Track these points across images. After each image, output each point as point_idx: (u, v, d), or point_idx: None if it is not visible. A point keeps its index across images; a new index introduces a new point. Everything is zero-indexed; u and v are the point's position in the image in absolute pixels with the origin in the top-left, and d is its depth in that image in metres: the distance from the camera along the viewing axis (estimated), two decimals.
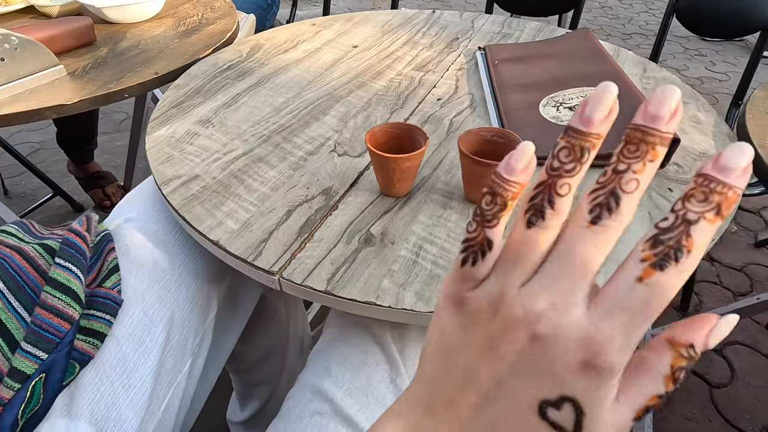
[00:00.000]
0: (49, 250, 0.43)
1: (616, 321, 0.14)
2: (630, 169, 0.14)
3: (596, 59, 0.65)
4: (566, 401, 0.14)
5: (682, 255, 0.13)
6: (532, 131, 0.54)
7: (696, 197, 0.14)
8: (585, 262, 0.15)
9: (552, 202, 0.15)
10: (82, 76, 0.68)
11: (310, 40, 0.84)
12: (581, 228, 0.15)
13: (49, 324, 0.37)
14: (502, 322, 0.15)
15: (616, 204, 0.14)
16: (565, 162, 0.15)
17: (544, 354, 0.15)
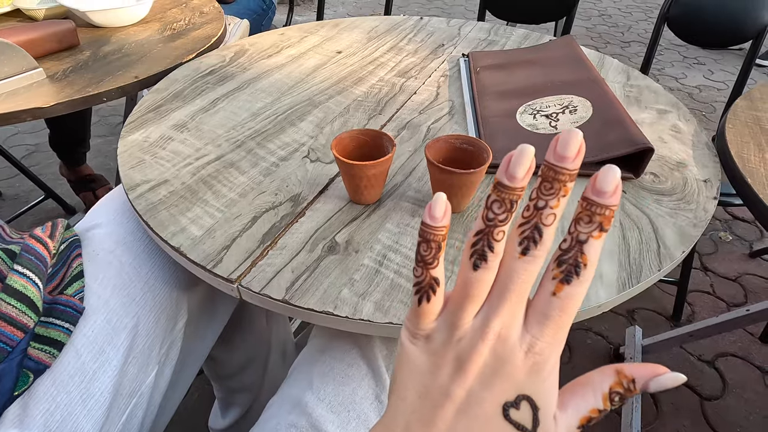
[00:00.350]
0: (11, 256, 0.43)
1: (544, 327, 0.18)
2: (548, 206, 0.17)
3: (577, 67, 0.64)
4: (523, 399, 0.18)
5: (581, 269, 0.17)
6: (507, 138, 0.54)
7: (583, 220, 0.17)
8: (521, 288, 0.18)
9: (491, 247, 0.18)
10: (62, 80, 0.68)
11: (296, 45, 0.84)
12: (515, 260, 0.18)
13: (2, 332, 0.36)
14: (466, 346, 0.19)
15: (539, 236, 0.17)
16: (498, 213, 0.18)
17: (502, 365, 0.18)
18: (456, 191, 0.43)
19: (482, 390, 0.18)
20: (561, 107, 0.56)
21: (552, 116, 0.55)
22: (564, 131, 0.17)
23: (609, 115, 0.52)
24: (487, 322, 0.18)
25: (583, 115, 0.54)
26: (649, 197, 0.48)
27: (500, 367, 0.18)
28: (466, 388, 0.18)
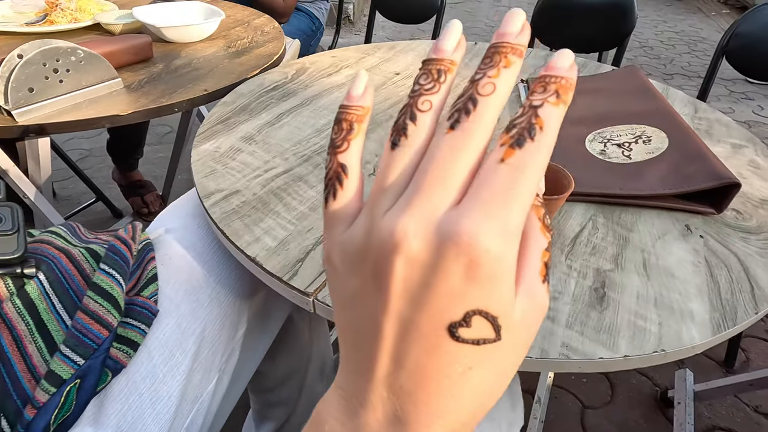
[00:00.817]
0: (94, 255, 0.44)
1: (482, 206, 0.13)
2: (485, 76, 0.14)
3: (646, 97, 0.63)
4: (473, 315, 0.13)
5: (535, 131, 0.13)
6: (578, 166, 0.53)
7: (537, 90, 0.14)
8: (442, 169, 0.14)
9: (414, 118, 0.15)
10: (137, 90, 0.71)
11: (354, 65, 0.86)
12: (440, 136, 0.14)
13: (89, 329, 0.37)
14: (378, 256, 0.14)
15: (473, 106, 0.14)
16: (424, 83, 0.15)
17: (427, 275, 0.13)
18: None
19: (414, 313, 0.14)
20: (633, 137, 0.55)
21: (624, 145, 0.54)
22: (511, 13, 0.15)
23: (688, 148, 0.51)
24: (396, 222, 0.13)
25: (658, 145, 0.53)
26: (734, 235, 0.46)
27: (427, 281, 0.13)
28: (393, 315, 0.14)
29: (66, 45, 0.61)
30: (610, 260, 0.43)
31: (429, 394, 0.14)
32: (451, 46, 0.15)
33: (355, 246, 0.15)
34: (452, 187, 0.14)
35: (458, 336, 0.13)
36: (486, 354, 0.14)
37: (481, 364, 0.14)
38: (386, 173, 0.15)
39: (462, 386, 0.14)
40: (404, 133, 0.15)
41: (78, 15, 0.91)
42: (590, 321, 0.37)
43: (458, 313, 0.13)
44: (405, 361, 0.14)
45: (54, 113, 0.62)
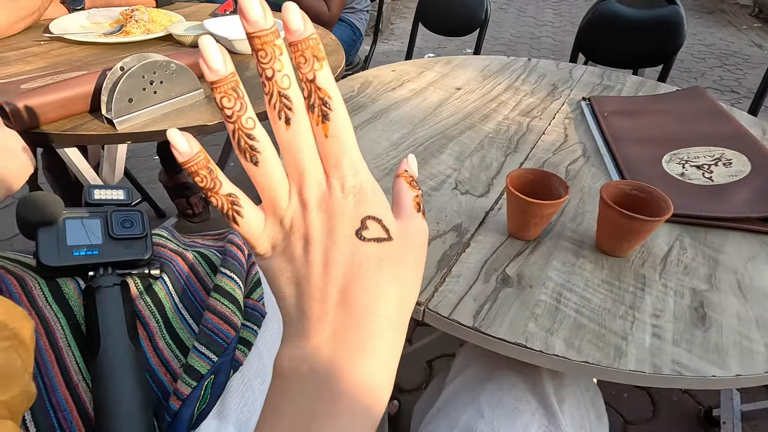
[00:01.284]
0: (205, 259, 0.47)
1: (340, 166, 0.20)
2: (275, 71, 0.18)
3: (719, 119, 0.64)
4: (366, 219, 0.20)
5: (328, 101, 0.18)
6: (657, 186, 0.54)
7: (301, 62, 0.18)
8: (307, 152, 0.19)
9: (251, 137, 0.19)
10: None
11: (415, 79, 0.88)
12: (285, 134, 0.19)
13: (219, 329, 0.40)
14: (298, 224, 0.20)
15: (289, 101, 0.18)
16: (231, 105, 0.18)
17: (334, 214, 0.20)
18: (632, 237, 0.44)
19: (331, 238, 0.20)
20: (713, 159, 0.56)
21: (704, 167, 0.55)
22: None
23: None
24: (301, 196, 0.20)
25: (741, 168, 0.54)
26: None
27: (334, 215, 0.20)
28: (319, 247, 0.20)
29: (162, 58, 0.65)
30: (704, 280, 0.44)
31: (359, 289, 0.19)
32: (220, 64, 0.18)
33: (279, 234, 0.20)
34: (316, 156, 0.20)
35: (363, 237, 0.20)
36: (387, 250, 0.20)
37: (388, 258, 0.20)
38: (268, 185, 0.20)
39: (381, 275, 0.20)
40: (256, 150, 0.19)
41: (150, 26, 0.96)
42: (696, 339, 0.38)
43: (357, 222, 0.20)
44: (334, 273, 0.19)
45: (147, 122, 0.66)
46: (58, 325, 0.37)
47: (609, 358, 0.36)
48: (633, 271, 0.45)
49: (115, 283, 0.39)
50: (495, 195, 0.56)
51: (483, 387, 0.43)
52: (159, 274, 0.43)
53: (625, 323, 0.39)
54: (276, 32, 0.17)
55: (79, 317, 0.38)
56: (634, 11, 1.25)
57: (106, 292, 0.38)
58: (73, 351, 0.36)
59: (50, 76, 0.68)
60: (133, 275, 0.42)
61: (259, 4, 0.17)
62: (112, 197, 0.45)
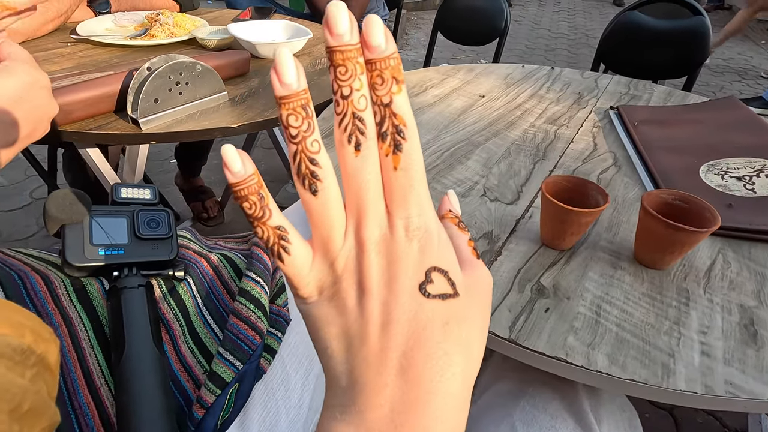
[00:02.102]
0: (230, 262, 0.46)
1: (407, 204, 0.17)
2: (353, 90, 0.16)
3: (757, 129, 0.62)
4: (432, 272, 0.17)
5: (404, 131, 0.16)
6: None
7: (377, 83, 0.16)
8: (373, 185, 0.17)
9: (314, 162, 0.16)
10: (241, 103, 0.74)
11: (438, 86, 0.88)
12: (353, 160, 0.16)
13: (245, 335, 0.39)
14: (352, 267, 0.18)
15: (363, 124, 0.16)
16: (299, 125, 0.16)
17: (395, 260, 0.17)
18: (675, 248, 0.42)
19: (391, 291, 0.17)
20: (754, 170, 0.54)
21: (746, 179, 0.53)
22: (328, 6, 0.15)
23: None
24: (359, 235, 0.17)
25: None
26: None
27: (395, 262, 0.17)
28: (376, 300, 0.17)
29: (189, 60, 0.65)
30: (752, 296, 0.42)
31: (422, 360, 0.16)
32: (293, 78, 0.16)
33: (328, 278, 0.18)
34: (381, 192, 0.17)
35: (427, 293, 0.17)
36: (453, 309, 0.17)
37: (454, 319, 0.17)
38: (322, 220, 0.17)
39: (447, 342, 0.17)
40: (316, 178, 0.16)
41: (175, 30, 0.96)
42: (748, 359, 0.36)
43: (421, 275, 0.17)
44: (395, 336, 0.17)
45: (172, 123, 0.65)
46: (81, 326, 0.36)
47: (656, 377, 0.34)
48: (675, 284, 0.43)
49: (140, 284, 0.38)
50: (525, 203, 0.54)
51: (516, 403, 0.41)
52: (183, 276, 0.42)
53: (671, 339, 0.37)
54: (360, 49, 0.16)
55: (103, 318, 0.37)
56: (658, 22, 1.23)
57: (131, 294, 0.37)
58: (96, 353, 0.35)
59: (77, 76, 0.68)
60: (157, 277, 0.41)
61: (348, 16, 0.15)
62: (139, 196, 0.44)
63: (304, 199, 0.17)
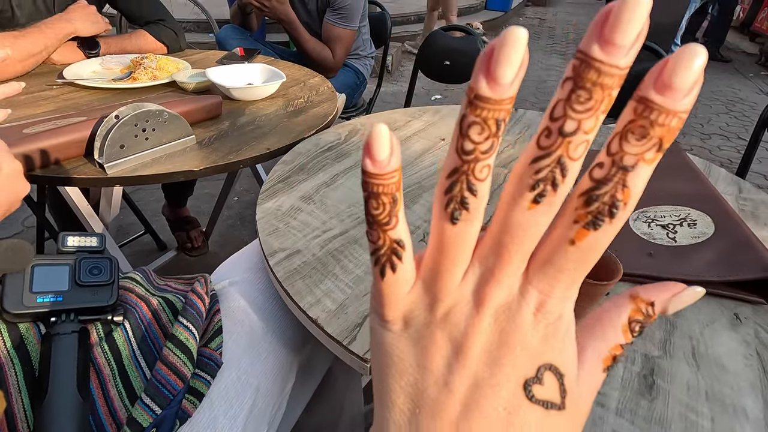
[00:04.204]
0: (170, 305, 0.48)
1: (556, 283, 0.14)
2: (580, 129, 0.12)
3: (689, 177, 0.65)
4: (546, 370, 0.14)
5: (619, 209, 0.12)
6: (622, 245, 0.54)
7: (635, 134, 0.12)
8: (526, 247, 0.14)
9: (473, 190, 0.13)
10: (208, 146, 0.78)
11: (402, 128, 0.92)
12: (521, 211, 0.13)
13: (168, 381, 0.41)
14: (458, 322, 0.14)
15: (562, 176, 0.12)
16: (480, 141, 0.12)
17: (508, 337, 0.14)
18: (582, 300, 0.44)
19: (492, 374, 0.14)
20: (678, 219, 0.57)
21: (669, 227, 0.56)
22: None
23: (736, 235, 0.52)
24: (483, 290, 0.14)
25: (704, 230, 0.54)
26: None
27: (508, 339, 0.14)
28: (470, 375, 0.14)
29: (155, 108, 0.69)
30: (658, 346, 0.44)
31: None
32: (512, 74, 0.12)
33: (421, 312, 0.15)
34: (526, 257, 0.14)
35: (532, 395, 0.14)
36: (551, 423, 0.14)
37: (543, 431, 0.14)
38: (450, 248, 0.14)
39: None
40: (466, 207, 0.13)
41: (157, 73, 1.02)
42: (640, 410, 0.37)
43: (531, 369, 0.14)
44: (475, 427, 0.14)
45: (137, 166, 0.69)
46: (12, 370, 0.38)
47: None
48: None
49: (74, 330, 0.41)
50: None
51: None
52: (121, 320, 0.45)
53: None
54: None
55: (35, 363, 0.40)
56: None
57: (62, 340, 0.39)
58: (23, 398, 0.37)
59: (52, 121, 0.73)
60: (95, 321, 0.44)
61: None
62: (85, 244, 0.47)
63: (438, 223, 0.14)
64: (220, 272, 0.60)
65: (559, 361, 0.14)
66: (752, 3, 4.95)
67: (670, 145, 0.66)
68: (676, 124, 0.11)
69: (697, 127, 2.92)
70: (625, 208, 0.12)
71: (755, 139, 1.12)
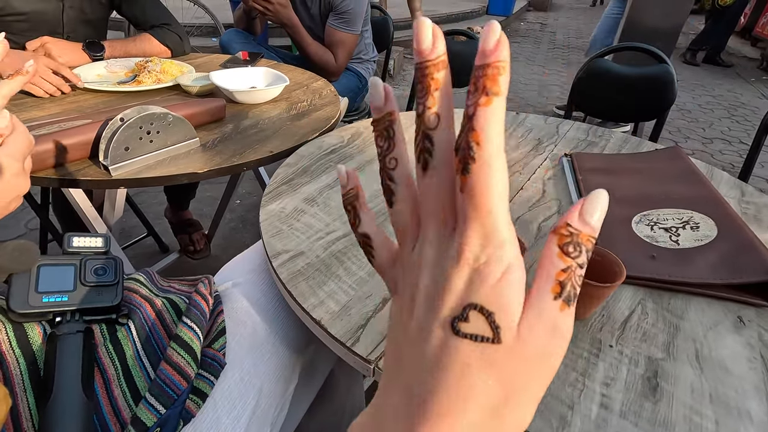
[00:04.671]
0: (174, 306, 0.49)
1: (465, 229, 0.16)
2: (426, 108, 0.16)
3: (692, 181, 0.65)
4: (470, 309, 0.15)
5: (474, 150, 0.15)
6: (625, 248, 0.54)
7: (470, 91, 0.15)
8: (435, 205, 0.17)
9: (391, 178, 0.18)
10: (212, 149, 0.79)
11: (406, 131, 0.92)
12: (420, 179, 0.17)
13: (172, 380, 0.41)
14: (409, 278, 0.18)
15: (431, 144, 0.16)
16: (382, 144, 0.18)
17: (439, 283, 0.16)
18: (586, 301, 0.44)
19: (428, 319, 0.16)
20: (681, 222, 0.57)
21: (672, 230, 0.56)
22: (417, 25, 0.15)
23: (739, 238, 0.52)
24: (420, 250, 0.17)
25: (707, 233, 0.54)
26: None
27: (438, 287, 0.16)
28: (416, 322, 0.17)
29: (160, 111, 0.70)
30: (662, 348, 0.44)
31: (436, 389, 0.16)
32: (381, 101, 0.18)
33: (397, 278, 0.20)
34: (438, 216, 0.17)
35: (458, 330, 0.15)
36: (486, 355, 0.15)
37: (481, 364, 0.15)
38: (395, 228, 0.19)
39: (461, 385, 0.15)
40: (393, 193, 0.18)
41: (161, 76, 1.03)
42: (644, 412, 0.37)
43: (458, 308, 0.16)
44: (414, 360, 0.16)
45: (142, 169, 0.70)
46: (17, 370, 0.38)
47: (551, 428, 0.36)
48: (590, 335, 0.45)
49: (78, 330, 0.41)
50: None
51: None
52: (126, 320, 0.45)
53: (574, 391, 0.39)
54: (439, 64, 0.16)
55: (41, 362, 0.40)
56: (627, 69, 1.29)
57: (67, 339, 0.39)
58: (28, 397, 0.37)
59: (58, 123, 0.73)
60: (99, 321, 0.44)
61: (431, 32, 0.15)
62: (89, 245, 0.48)
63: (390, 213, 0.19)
64: (224, 273, 0.60)
65: (488, 301, 0.15)
66: (753, 8, 4.96)
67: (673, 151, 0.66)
68: (491, 72, 0.14)
69: (699, 132, 2.92)
70: (480, 148, 0.15)
71: (758, 143, 1.12)
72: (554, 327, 0.16)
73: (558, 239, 0.16)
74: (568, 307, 0.16)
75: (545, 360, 0.16)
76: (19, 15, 1.04)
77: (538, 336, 0.15)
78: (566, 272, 0.16)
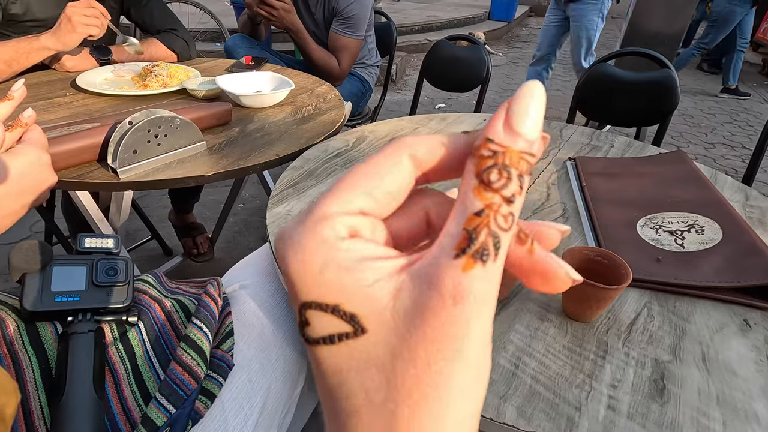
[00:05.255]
0: (183, 307, 0.49)
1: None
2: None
3: (696, 185, 0.65)
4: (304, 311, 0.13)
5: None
6: (630, 251, 0.55)
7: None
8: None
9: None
10: (218, 152, 0.79)
11: (403, 132, 0.93)
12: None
13: (182, 380, 0.41)
14: None
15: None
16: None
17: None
18: (592, 303, 0.44)
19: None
20: (686, 225, 0.57)
21: (677, 234, 0.56)
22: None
23: (744, 242, 0.52)
24: None
25: (712, 237, 0.54)
26: None
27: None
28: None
29: (168, 114, 0.71)
30: (668, 351, 0.44)
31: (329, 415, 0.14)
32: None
33: None
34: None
35: (306, 337, 0.12)
36: (356, 350, 0.12)
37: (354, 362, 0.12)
38: None
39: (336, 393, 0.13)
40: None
41: (168, 80, 1.04)
42: (651, 414, 0.38)
43: (298, 316, 0.13)
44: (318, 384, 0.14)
45: (150, 171, 0.70)
46: (30, 369, 0.39)
47: (559, 430, 0.36)
48: (596, 337, 0.45)
49: (90, 329, 0.41)
50: None
51: None
52: (136, 321, 0.45)
53: (581, 393, 0.39)
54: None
55: (53, 361, 0.40)
56: (630, 74, 1.29)
57: (79, 339, 0.40)
58: (40, 395, 0.38)
59: (66, 126, 0.74)
60: (110, 321, 0.45)
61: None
62: (101, 246, 0.48)
63: None
64: (231, 275, 0.60)
65: (320, 293, 0.12)
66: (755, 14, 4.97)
67: (677, 155, 0.66)
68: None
69: (701, 137, 2.93)
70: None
71: (761, 148, 1.12)
72: (454, 295, 0.11)
73: (476, 164, 0.12)
74: (482, 263, 0.11)
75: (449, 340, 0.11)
76: (37, 21, 1.06)
77: (425, 309, 0.11)
78: (481, 216, 0.12)
